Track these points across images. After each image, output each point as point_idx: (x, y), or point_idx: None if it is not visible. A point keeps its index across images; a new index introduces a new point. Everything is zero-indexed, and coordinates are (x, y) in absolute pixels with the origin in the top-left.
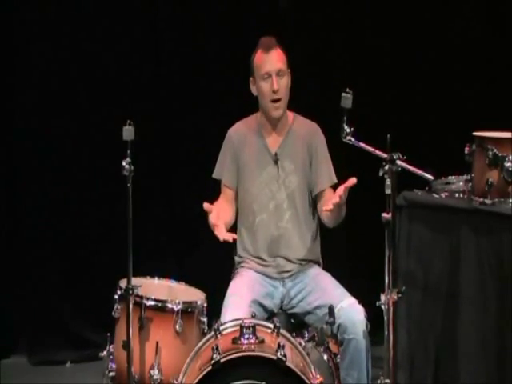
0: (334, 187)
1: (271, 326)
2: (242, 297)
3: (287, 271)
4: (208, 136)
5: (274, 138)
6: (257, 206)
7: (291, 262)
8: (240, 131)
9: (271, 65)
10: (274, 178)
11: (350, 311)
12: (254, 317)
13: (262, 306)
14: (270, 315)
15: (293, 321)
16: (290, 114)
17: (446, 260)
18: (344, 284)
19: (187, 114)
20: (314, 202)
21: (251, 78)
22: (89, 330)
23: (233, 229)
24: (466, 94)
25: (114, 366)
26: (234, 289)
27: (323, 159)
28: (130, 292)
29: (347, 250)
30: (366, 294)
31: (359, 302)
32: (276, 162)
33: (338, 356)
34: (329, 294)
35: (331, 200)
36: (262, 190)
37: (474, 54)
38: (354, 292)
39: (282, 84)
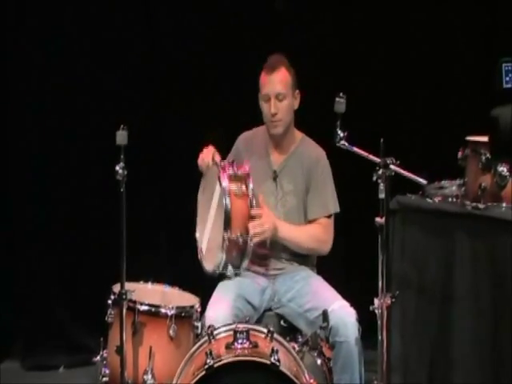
0: (335, 217)
1: (265, 330)
2: (228, 292)
3: (278, 269)
4: (202, 140)
5: (277, 155)
6: None
7: (282, 261)
8: (248, 140)
9: (271, 88)
10: (272, 193)
11: (342, 314)
12: (247, 321)
13: (249, 303)
14: (260, 315)
15: (283, 323)
16: (298, 135)
17: (439, 264)
18: (338, 288)
19: (181, 119)
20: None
21: (259, 94)
22: (82, 334)
23: None
24: (459, 98)
25: (107, 371)
26: (221, 285)
27: (319, 188)
28: (124, 297)
29: (341, 255)
30: (360, 298)
31: (353, 306)
32: (275, 179)
33: (332, 360)
34: (320, 297)
35: None
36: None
37: (467, 59)
38: (348, 296)
39: (281, 107)
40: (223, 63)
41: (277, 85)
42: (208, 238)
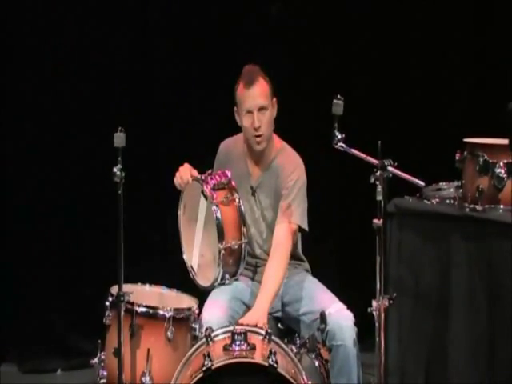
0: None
1: (263, 332)
2: (223, 295)
3: None
4: (199, 143)
5: (255, 169)
6: None
7: None
8: (229, 151)
9: (252, 102)
10: (253, 207)
11: (338, 317)
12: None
13: (245, 304)
14: None
15: (280, 326)
16: (278, 144)
17: (436, 266)
18: (335, 290)
19: (178, 121)
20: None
21: (235, 108)
22: (79, 337)
23: None
24: (457, 100)
25: (104, 374)
26: (217, 288)
27: (287, 197)
28: (121, 299)
29: (338, 257)
30: (357, 300)
31: (350, 308)
32: (253, 194)
33: (329, 363)
34: (316, 300)
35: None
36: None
37: (464, 61)
38: (345, 298)
39: (264, 119)
40: (222, 66)
41: (258, 98)
42: (199, 254)
